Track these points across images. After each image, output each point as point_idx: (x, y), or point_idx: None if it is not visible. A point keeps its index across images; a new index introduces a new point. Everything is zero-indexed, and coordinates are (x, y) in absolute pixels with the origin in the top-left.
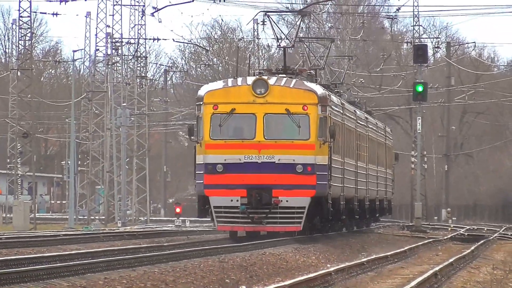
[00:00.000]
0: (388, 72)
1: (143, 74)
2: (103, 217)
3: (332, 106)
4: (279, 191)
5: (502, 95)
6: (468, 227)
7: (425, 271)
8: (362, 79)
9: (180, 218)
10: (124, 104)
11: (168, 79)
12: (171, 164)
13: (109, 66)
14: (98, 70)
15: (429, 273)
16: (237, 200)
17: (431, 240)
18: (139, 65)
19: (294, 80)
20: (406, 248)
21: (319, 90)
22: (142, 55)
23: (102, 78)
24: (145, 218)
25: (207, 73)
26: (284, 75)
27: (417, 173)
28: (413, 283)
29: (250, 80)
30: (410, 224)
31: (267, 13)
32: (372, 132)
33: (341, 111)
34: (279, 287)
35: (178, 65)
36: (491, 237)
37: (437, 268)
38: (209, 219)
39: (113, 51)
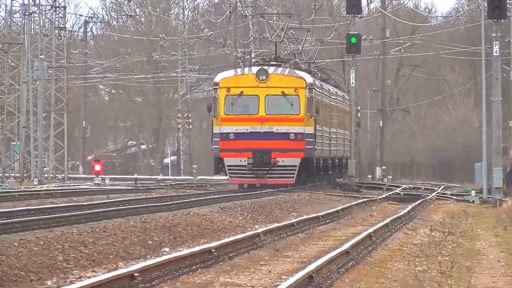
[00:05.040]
0: (320, 23)
1: (61, 25)
2: (19, 175)
3: (316, 89)
4: (277, 154)
5: (440, 47)
6: (404, 186)
7: (359, 232)
8: (292, 31)
9: (100, 176)
10: (42, 56)
11: (88, 30)
12: (90, 119)
13: (26, 16)
14: (14, 20)
15: (363, 235)
16: (245, 161)
17: (365, 199)
18: (57, 15)
19: (287, 69)
20: (338, 208)
21: (307, 77)
22: (60, 5)
23: (18, 29)
24: (63, 176)
25: (129, 24)
26: (275, 63)
27: (350, 128)
28: (347, 245)
29: (255, 69)
30: (343, 182)
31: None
32: (339, 103)
33: (320, 91)
34: (204, 250)
35: (98, 15)
36: (429, 197)
37: (371, 230)
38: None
39: (30, 0)
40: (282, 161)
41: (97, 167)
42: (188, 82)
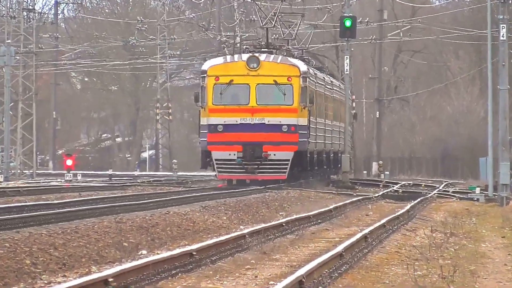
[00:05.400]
0: (312, 5)
1: (30, 7)
2: None
3: (310, 77)
4: (268, 147)
5: (442, 31)
6: (402, 182)
7: (353, 233)
8: (282, 14)
9: (71, 171)
10: (9, 40)
11: (59, 12)
12: (61, 109)
13: None
14: None
15: (358, 236)
16: (234, 154)
17: (360, 197)
18: None
19: (280, 57)
20: (331, 207)
21: (301, 65)
22: None
23: None
24: (31, 171)
25: (103, 5)
26: (267, 49)
27: (345, 120)
28: (340, 247)
29: (245, 57)
30: (336, 179)
31: None
32: (336, 93)
33: (315, 80)
34: (185, 252)
35: None
36: (429, 195)
37: (367, 231)
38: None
39: None
40: (274, 154)
41: (69, 162)
42: (168, 69)
